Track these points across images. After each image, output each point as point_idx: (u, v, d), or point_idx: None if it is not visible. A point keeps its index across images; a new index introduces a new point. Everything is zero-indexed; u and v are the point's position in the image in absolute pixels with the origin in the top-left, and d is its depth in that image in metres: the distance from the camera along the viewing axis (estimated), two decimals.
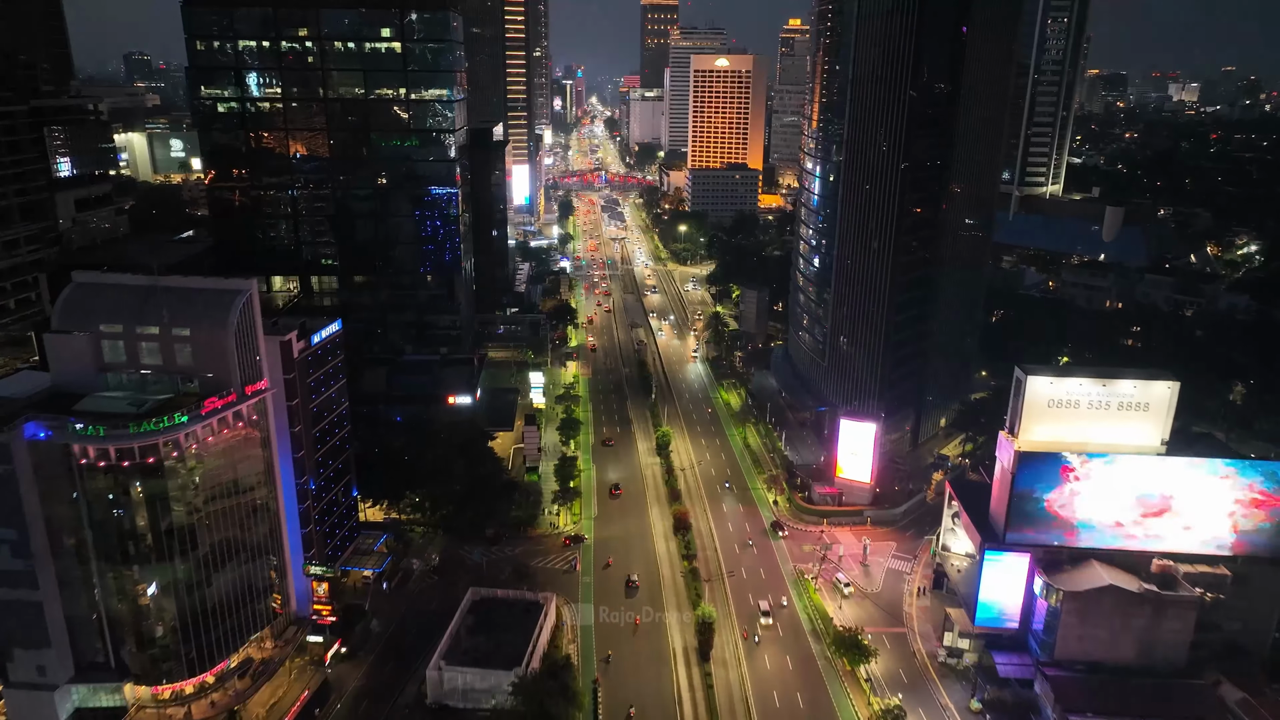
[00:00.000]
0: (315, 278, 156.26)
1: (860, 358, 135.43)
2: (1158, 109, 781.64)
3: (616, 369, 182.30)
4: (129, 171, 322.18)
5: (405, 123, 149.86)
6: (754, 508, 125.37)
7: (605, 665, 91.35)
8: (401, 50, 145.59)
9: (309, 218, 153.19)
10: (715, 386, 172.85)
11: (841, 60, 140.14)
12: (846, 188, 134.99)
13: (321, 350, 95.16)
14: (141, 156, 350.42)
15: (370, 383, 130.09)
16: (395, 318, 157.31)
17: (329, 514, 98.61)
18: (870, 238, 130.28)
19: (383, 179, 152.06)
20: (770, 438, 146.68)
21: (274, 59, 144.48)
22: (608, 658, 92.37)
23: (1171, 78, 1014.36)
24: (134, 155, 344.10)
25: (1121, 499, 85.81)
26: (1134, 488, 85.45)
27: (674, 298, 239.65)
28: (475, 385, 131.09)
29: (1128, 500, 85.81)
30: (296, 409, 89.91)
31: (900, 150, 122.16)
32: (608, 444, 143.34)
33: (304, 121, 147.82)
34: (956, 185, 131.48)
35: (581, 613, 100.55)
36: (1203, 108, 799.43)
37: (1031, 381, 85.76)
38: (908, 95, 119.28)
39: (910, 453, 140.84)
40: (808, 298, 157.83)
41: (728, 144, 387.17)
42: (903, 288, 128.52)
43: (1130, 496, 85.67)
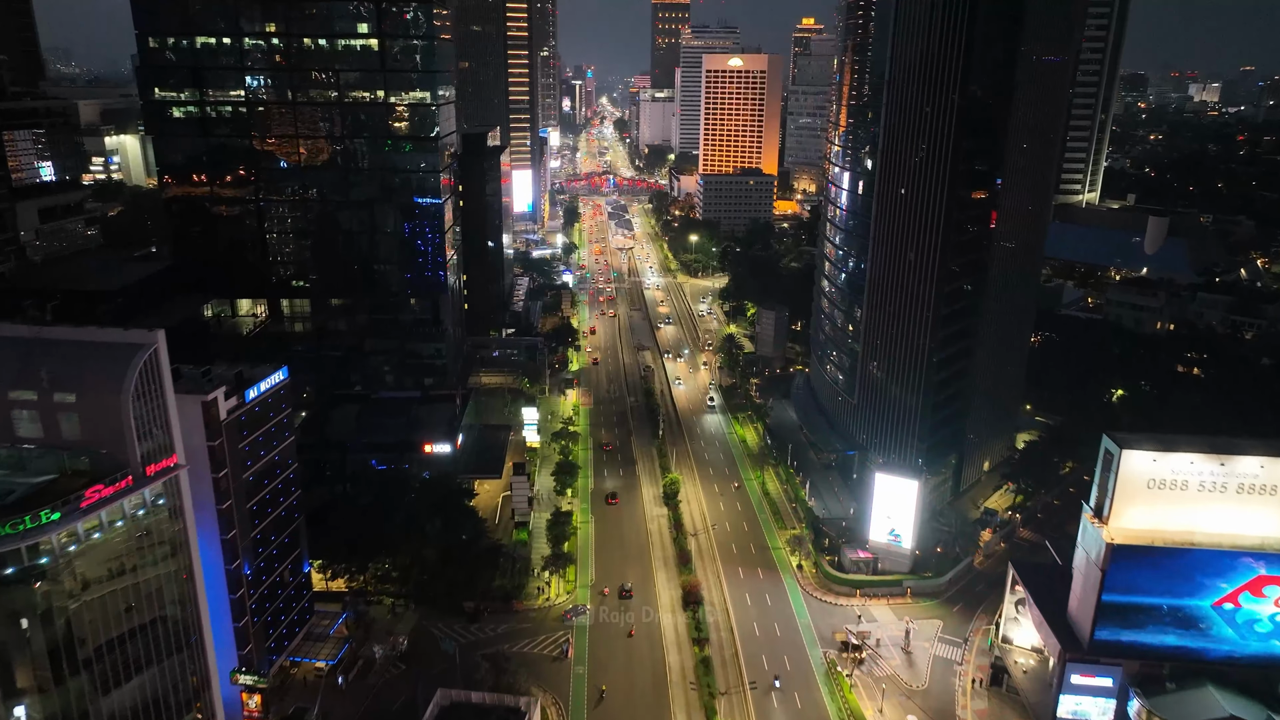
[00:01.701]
0: (286, 300, 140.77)
1: (896, 390, 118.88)
2: (1179, 110, 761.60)
3: (620, 397, 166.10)
4: (120, 175, 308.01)
5: (384, 128, 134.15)
6: (775, 574, 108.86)
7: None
8: (379, 47, 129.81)
9: (278, 234, 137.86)
10: (729, 419, 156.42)
11: (875, 59, 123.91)
12: (881, 196, 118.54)
13: (261, 406, 79.31)
14: (134, 160, 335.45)
15: (338, 426, 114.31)
16: (374, 345, 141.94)
17: (271, 599, 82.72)
18: (907, 248, 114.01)
19: (360, 191, 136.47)
20: (791, 484, 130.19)
21: (236, 57, 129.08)
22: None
23: (1191, 77, 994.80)
24: (126, 158, 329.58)
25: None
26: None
27: (684, 315, 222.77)
28: (456, 429, 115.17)
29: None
30: (225, 482, 74.11)
31: (946, 158, 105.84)
32: (611, 501, 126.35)
33: (271, 127, 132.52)
34: (1008, 196, 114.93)
35: (572, 715, 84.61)
36: (1225, 108, 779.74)
37: (1128, 458, 69.11)
38: (956, 96, 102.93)
39: (951, 503, 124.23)
40: (834, 323, 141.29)
41: (741, 147, 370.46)
42: (948, 309, 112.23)
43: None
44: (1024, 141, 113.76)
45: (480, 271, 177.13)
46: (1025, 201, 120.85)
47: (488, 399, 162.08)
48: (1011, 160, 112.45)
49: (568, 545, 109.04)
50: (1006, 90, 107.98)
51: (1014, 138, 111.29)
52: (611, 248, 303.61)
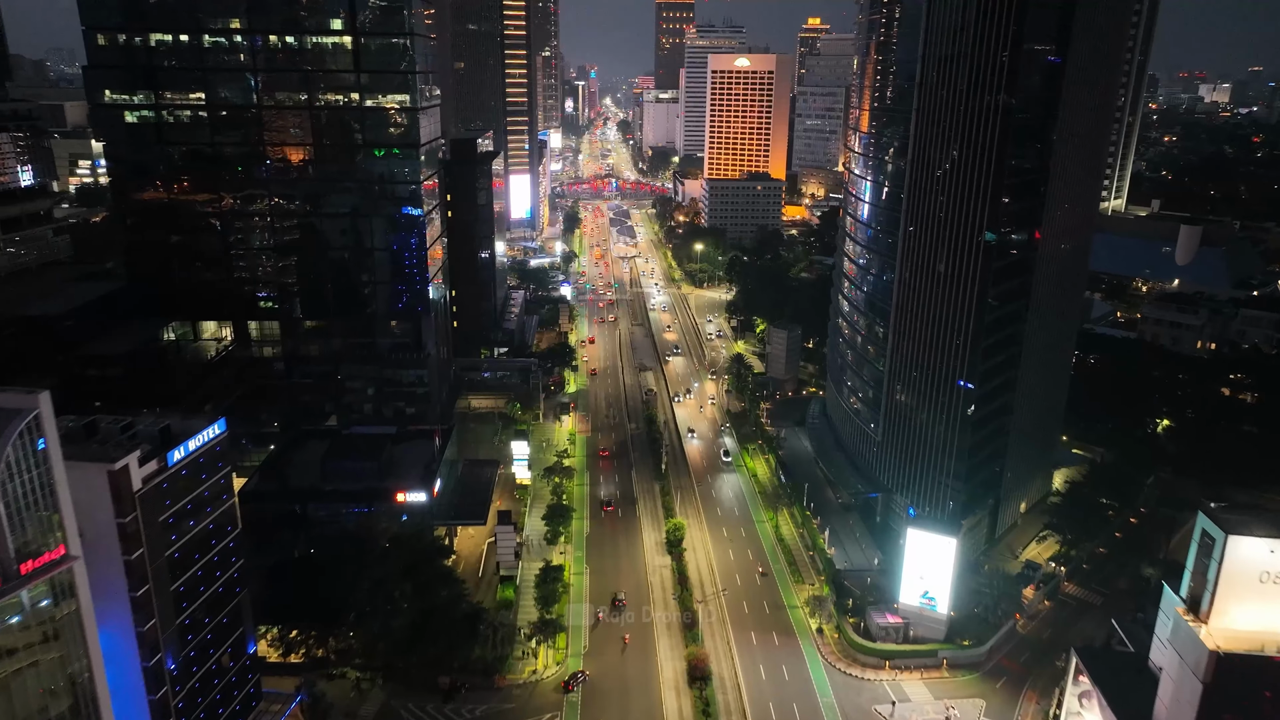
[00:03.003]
0: (254, 323, 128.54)
1: (927, 425, 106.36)
2: (1190, 111, 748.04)
3: (621, 424, 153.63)
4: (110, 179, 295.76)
5: (360, 135, 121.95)
6: (793, 640, 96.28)
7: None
8: (353, 46, 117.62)
9: (244, 250, 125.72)
10: (738, 449, 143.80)
11: (901, 59, 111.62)
12: (911, 210, 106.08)
13: (191, 468, 67.04)
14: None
15: (301, 469, 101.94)
16: (350, 372, 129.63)
17: (205, 692, 70.42)
18: (938, 263, 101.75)
19: (333, 203, 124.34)
20: (808, 527, 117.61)
21: (195, 56, 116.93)
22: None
23: (1200, 78, 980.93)
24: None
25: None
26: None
27: (689, 329, 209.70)
28: (434, 473, 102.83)
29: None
30: (140, 564, 61.87)
31: (988, 167, 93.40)
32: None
33: (234, 134, 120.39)
34: (1054, 206, 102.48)
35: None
36: (1236, 109, 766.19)
37: (1237, 546, 56.32)
38: (1001, 98, 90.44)
39: (987, 552, 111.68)
40: (853, 347, 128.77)
41: (748, 150, 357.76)
42: (990, 338, 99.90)
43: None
44: (1072, 147, 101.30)
45: (470, 287, 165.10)
46: (1072, 212, 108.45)
47: (477, 425, 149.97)
48: (1058, 168, 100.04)
49: (558, 606, 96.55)
50: (1054, 91, 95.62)
51: (1062, 143, 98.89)
52: (613, 256, 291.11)
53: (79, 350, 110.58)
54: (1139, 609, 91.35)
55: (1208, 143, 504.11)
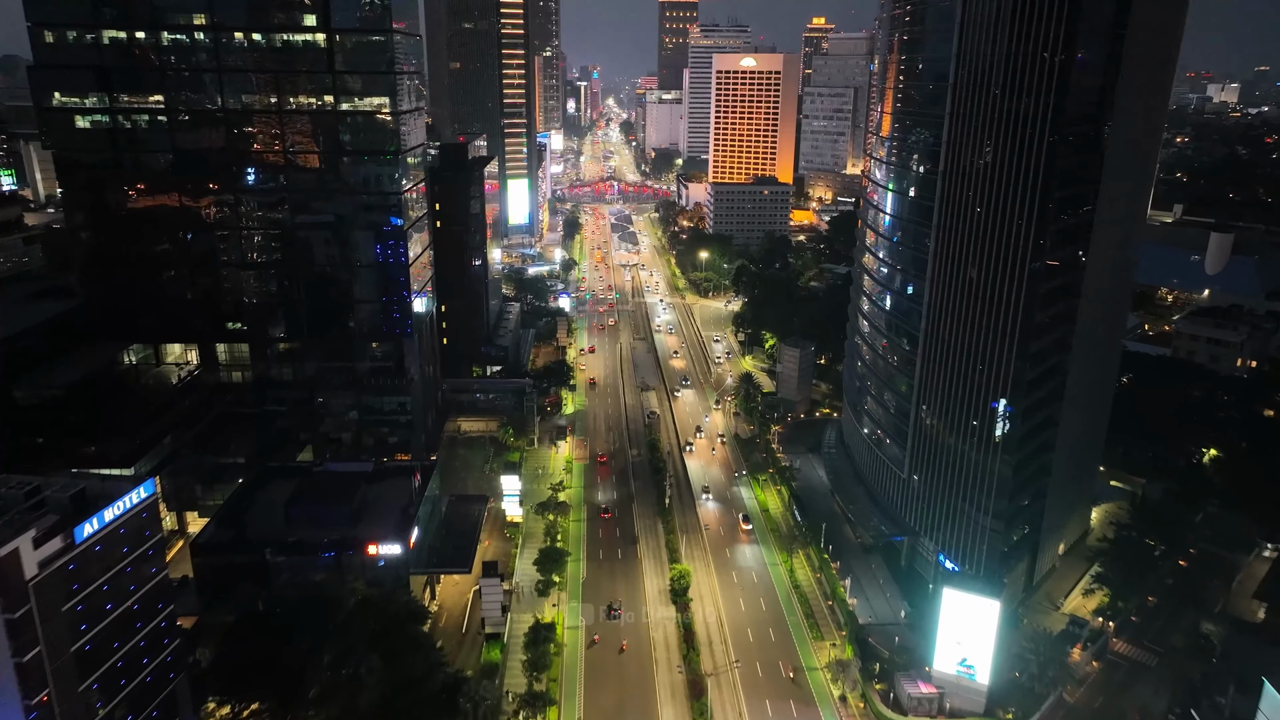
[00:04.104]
0: (222, 346, 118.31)
1: (962, 451, 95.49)
2: (1199, 111, 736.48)
3: (621, 449, 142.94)
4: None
5: (334, 141, 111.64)
6: (813, 711, 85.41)
7: None
8: (326, 44, 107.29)
9: (209, 266, 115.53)
10: (748, 477, 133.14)
11: (931, 58, 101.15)
12: (944, 226, 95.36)
13: (106, 542, 56.58)
14: None
15: (263, 515, 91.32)
16: (326, 399, 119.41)
17: None
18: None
19: (306, 215, 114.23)
20: (826, 572, 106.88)
21: (153, 55, 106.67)
22: None
23: (1207, 78, 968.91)
24: None
25: None
26: None
27: (695, 347, 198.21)
28: (411, 519, 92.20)
29: None
30: (36, 664, 51.40)
31: (1035, 178, 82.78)
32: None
33: (196, 140, 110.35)
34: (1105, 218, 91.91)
35: None
36: (1246, 110, 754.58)
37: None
38: (1052, 99, 79.84)
39: (1025, 602, 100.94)
40: (875, 371, 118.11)
41: (754, 153, 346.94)
42: (1034, 370, 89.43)
43: None
44: (1123, 155, 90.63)
45: (460, 302, 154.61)
46: (1122, 223, 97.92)
47: (466, 451, 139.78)
48: (1111, 175, 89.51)
49: (549, 673, 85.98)
50: (1108, 92, 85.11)
51: (1114, 151, 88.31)
52: (614, 264, 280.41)
53: (23, 379, 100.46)
54: (1208, 683, 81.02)
55: (1220, 144, 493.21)
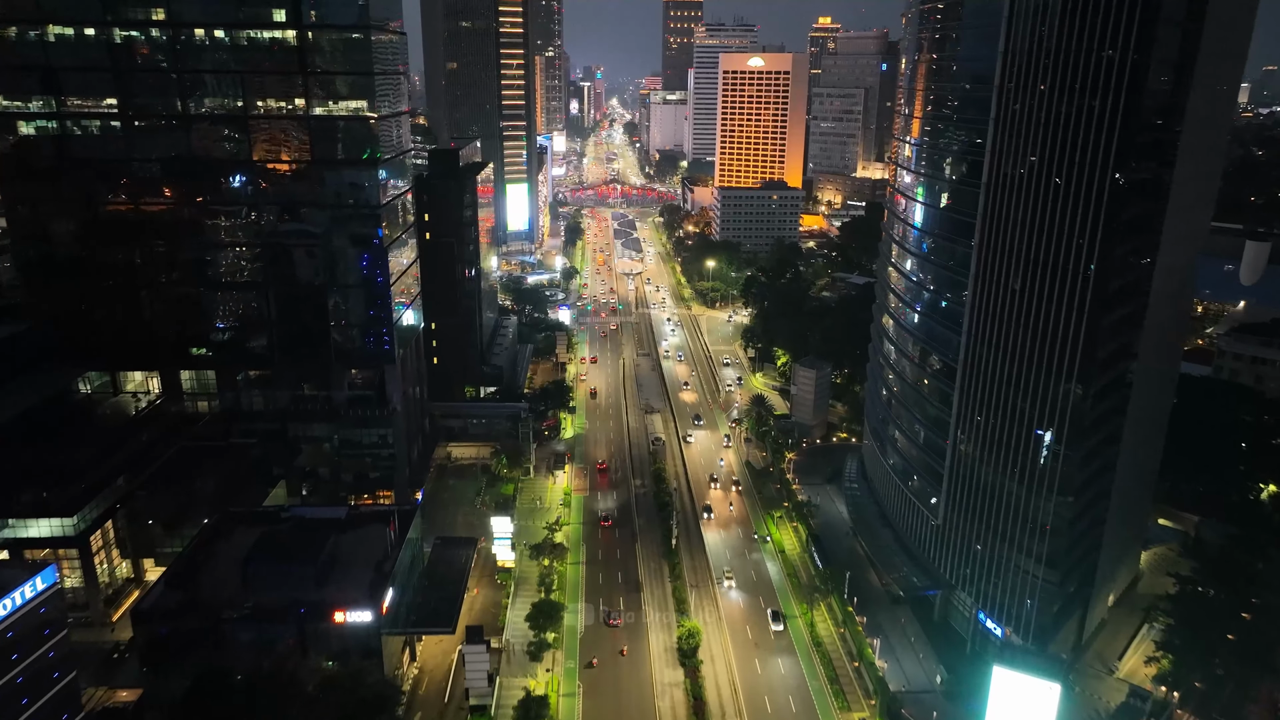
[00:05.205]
0: (185, 373, 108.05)
1: (1011, 497, 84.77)
2: None
3: (624, 479, 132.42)
4: None
5: (307, 148, 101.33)
6: None
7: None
8: (298, 41, 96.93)
9: (171, 286, 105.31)
10: (761, 513, 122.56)
11: (969, 57, 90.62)
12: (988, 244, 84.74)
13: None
14: None
15: (219, 572, 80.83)
16: (299, 431, 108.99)
17: None
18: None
19: (276, 230, 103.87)
20: (850, 626, 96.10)
21: (105, 54, 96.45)
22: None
23: None
24: None
25: None
26: None
27: (701, 362, 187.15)
28: (387, 577, 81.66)
29: None
30: None
31: (1099, 188, 72.17)
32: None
33: (154, 147, 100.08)
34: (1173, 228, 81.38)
35: None
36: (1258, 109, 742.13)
37: None
38: (1124, 98, 69.18)
39: (1076, 664, 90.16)
40: (903, 401, 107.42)
41: (762, 156, 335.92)
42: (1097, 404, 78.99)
43: None
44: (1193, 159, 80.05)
45: (451, 319, 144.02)
46: (1188, 239, 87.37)
47: (457, 482, 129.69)
48: (1180, 182, 78.95)
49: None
50: (1181, 90, 74.62)
51: (1185, 156, 77.73)
52: (618, 272, 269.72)
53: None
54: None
55: (1234, 144, 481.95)
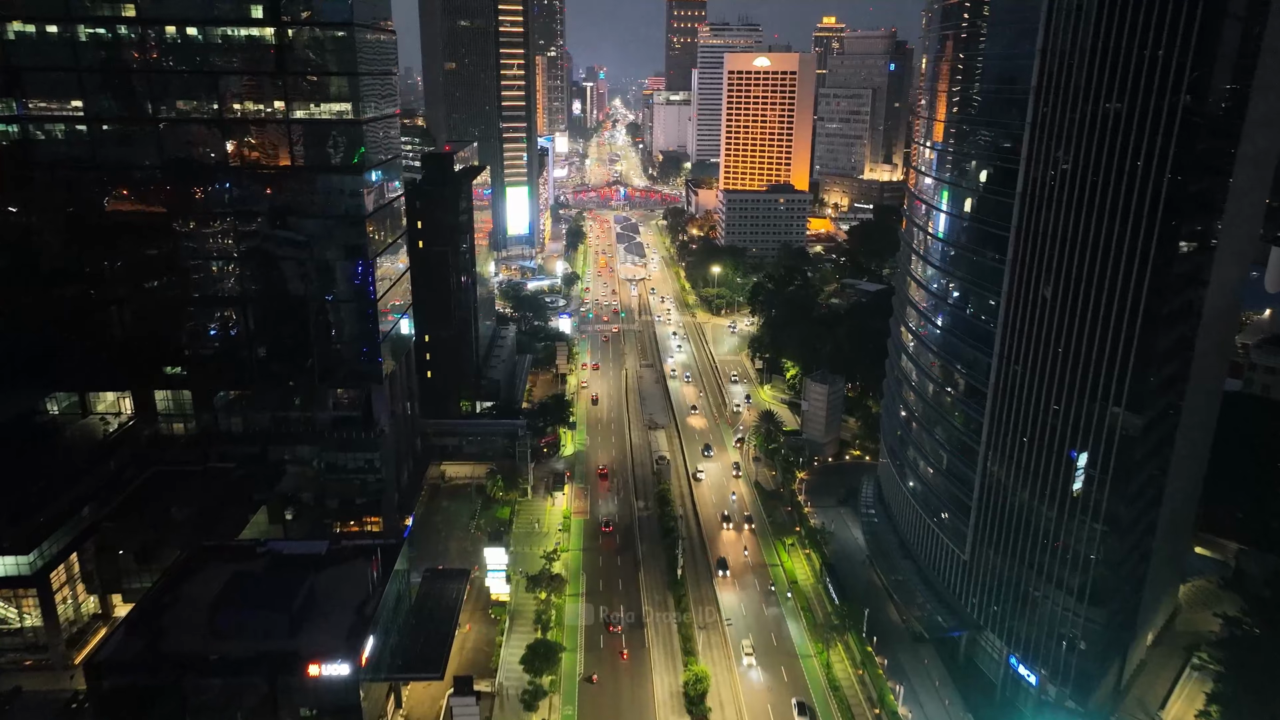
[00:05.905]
0: (160, 393, 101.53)
1: (1046, 518, 78.01)
2: None
3: (627, 500, 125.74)
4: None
5: (287, 154, 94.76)
6: None
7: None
8: (276, 41, 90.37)
9: (143, 302, 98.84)
10: (771, 540, 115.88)
11: (1002, 57, 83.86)
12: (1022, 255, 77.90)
13: None
14: None
15: (185, 616, 74.23)
16: (280, 455, 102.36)
17: None
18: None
19: (254, 242, 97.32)
20: (870, 669, 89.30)
21: (70, 55, 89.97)
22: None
23: None
24: None
25: None
26: None
27: (709, 379, 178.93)
28: (369, 622, 75.05)
29: None
30: None
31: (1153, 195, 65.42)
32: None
33: (124, 154, 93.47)
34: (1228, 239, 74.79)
35: None
36: None
37: None
38: (1183, 97, 62.38)
39: (1115, 711, 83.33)
40: (925, 424, 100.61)
41: (767, 158, 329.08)
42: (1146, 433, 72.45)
43: None
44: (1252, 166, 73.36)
45: (445, 331, 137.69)
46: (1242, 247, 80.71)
47: (450, 503, 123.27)
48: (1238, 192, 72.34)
49: None
50: (1243, 91, 67.92)
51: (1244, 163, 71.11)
52: (620, 278, 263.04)
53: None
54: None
55: None
